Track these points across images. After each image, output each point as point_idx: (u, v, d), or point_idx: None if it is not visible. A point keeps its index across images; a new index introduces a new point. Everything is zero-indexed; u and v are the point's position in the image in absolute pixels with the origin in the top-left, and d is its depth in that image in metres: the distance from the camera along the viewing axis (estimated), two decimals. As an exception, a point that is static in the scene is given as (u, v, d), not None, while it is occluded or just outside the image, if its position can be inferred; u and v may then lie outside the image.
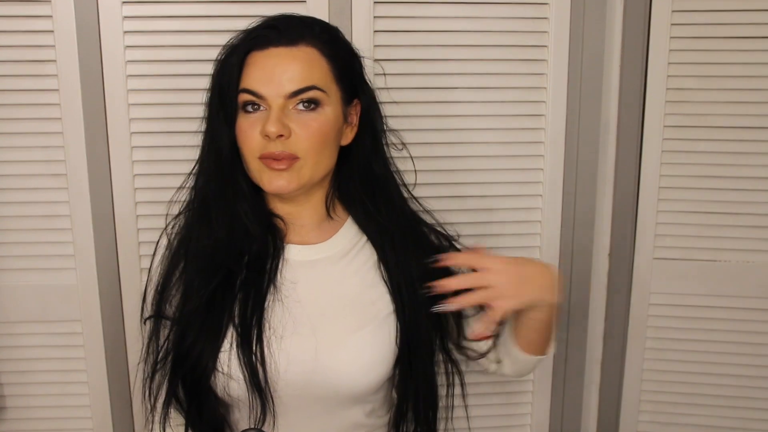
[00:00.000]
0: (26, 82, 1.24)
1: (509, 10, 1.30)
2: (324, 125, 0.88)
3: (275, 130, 0.84)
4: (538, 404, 1.48)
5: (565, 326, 1.47)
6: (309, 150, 0.87)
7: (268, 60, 0.87)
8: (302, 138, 0.87)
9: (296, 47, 0.87)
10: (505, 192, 1.38)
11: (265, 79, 0.86)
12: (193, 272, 0.92)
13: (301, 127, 0.87)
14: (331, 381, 0.90)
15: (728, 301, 1.41)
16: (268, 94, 0.86)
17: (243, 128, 0.88)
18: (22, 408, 1.37)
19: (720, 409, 1.46)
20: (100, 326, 1.34)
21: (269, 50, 0.87)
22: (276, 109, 0.86)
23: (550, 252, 1.40)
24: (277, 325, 0.90)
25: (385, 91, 1.30)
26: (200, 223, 0.94)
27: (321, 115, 0.88)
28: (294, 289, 0.92)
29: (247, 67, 0.88)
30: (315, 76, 0.87)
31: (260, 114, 0.87)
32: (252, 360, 0.87)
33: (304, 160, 0.87)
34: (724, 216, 1.38)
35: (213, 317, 0.89)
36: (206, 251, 0.92)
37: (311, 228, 0.97)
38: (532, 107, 1.35)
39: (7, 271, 1.31)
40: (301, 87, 0.86)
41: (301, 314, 0.91)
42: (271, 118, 0.85)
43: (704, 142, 1.36)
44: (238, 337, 0.88)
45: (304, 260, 0.94)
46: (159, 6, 1.23)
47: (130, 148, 1.27)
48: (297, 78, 0.86)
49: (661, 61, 1.33)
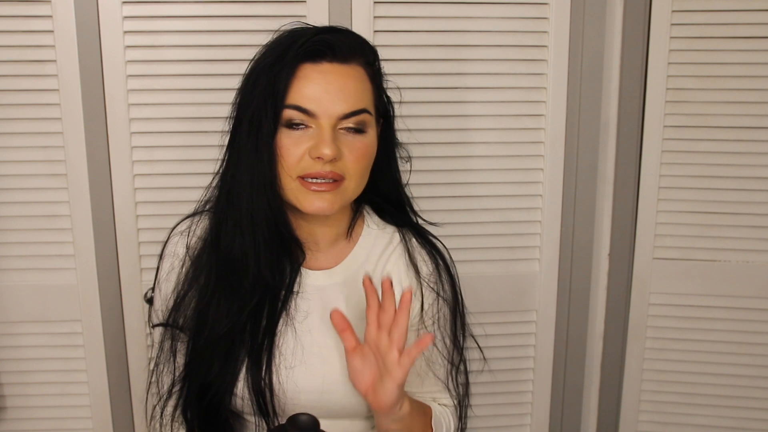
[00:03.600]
0: (26, 82, 1.24)
1: (509, 10, 1.30)
2: (369, 148, 0.85)
3: (331, 153, 0.80)
4: (538, 404, 1.48)
5: (565, 326, 1.47)
6: (355, 172, 0.84)
7: (322, 76, 0.81)
8: (351, 161, 0.83)
9: (349, 65, 0.83)
10: (505, 192, 1.38)
11: (319, 97, 0.81)
12: (221, 302, 0.87)
13: (350, 150, 0.83)
14: (339, 406, 0.90)
15: (727, 301, 1.41)
16: (321, 112, 0.81)
17: (286, 145, 0.82)
18: (22, 408, 1.37)
19: (720, 409, 1.46)
20: (100, 326, 1.34)
21: (323, 65, 0.82)
22: (329, 130, 0.81)
23: (550, 252, 1.40)
24: (287, 353, 0.89)
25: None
26: (234, 247, 0.87)
27: (367, 138, 0.85)
28: (306, 317, 0.90)
29: (298, 80, 0.81)
30: (365, 98, 0.84)
31: (305, 132, 0.82)
32: (261, 386, 0.86)
33: (349, 182, 0.84)
34: (723, 216, 1.39)
35: (236, 345, 0.87)
36: (236, 276, 0.87)
37: (325, 249, 0.93)
38: (532, 107, 1.35)
39: (7, 271, 1.31)
40: (354, 109, 0.82)
41: (311, 343, 0.89)
42: (325, 140, 0.80)
43: (704, 142, 1.36)
44: (249, 362, 0.87)
45: (318, 285, 0.92)
46: (159, 6, 1.23)
47: (130, 148, 1.27)
48: (350, 99, 0.82)
49: (661, 61, 1.33)
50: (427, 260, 0.95)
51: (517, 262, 1.42)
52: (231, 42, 1.24)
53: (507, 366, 1.46)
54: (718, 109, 1.34)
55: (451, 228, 1.29)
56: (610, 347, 1.48)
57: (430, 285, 0.94)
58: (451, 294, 0.96)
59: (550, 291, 1.43)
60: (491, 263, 1.41)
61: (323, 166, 0.81)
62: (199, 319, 0.88)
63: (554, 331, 1.45)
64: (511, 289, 1.42)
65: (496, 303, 1.42)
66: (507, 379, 1.46)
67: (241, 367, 0.87)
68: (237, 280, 0.87)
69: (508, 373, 1.46)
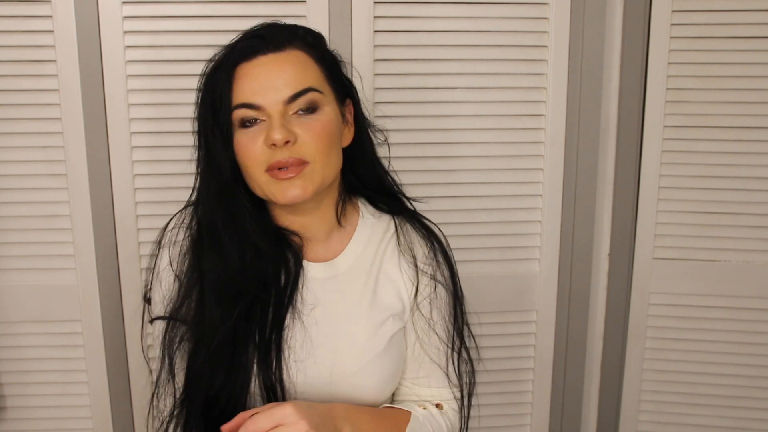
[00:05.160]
0: (26, 82, 1.24)
1: (509, 10, 1.30)
2: (327, 125, 0.85)
3: (281, 137, 0.81)
4: (538, 404, 1.48)
5: (565, 326, 1.47)
6: (317, 152, 0.84)
7: (258, 69, 0.84)
8: (308, 141, 0.83)
9: (284, 52, 0.85)
10: (505, 192, 1.38)
11: (260, 89, 0.83)
12: (212, 304, 0.87)
13: (306, 130, 0.83)
14: (347, 398, 0.90)
15: (727, 301, 1.41)
16: (266, 103, 0.83)
17: (243, 143, 0.84)
18: (22, 408, 1.37)
19: (720, 409, 1.46)
20: (100, 326, 1.34)
21: (257, 59, 0.84)
22: (277, 117, 0.82)
23: (550, 252, 1.40)
24: (296, 347, 0.89)
25: (386, 91, 1.30)
26: (211, 251, 0.88)
27: (322, 116, 0.85)
28: (312, 309, 0.90)
29: (238, 81, 0.84)
30: (309, 77, 0.85)
31: (259, 126, 0.84)
32: (271, 381, 0.86)
33: (314, 164, 0.84)
34: (723, 216, 1.39)
35: (239, 350, 0.87)
36: (222, 280, 0.87)
37: (322, 240, 0.94)
38: (532, 107, 1.35)
39: (7, 271, 1.31)
40: (298, 90, 0.83)
41: (318, 335, 0.89)
42: (274, 126, 0.82)
43: (704, 142, 1.36)
44: (258, 359, 0.86)
45: (322, 277, 0.92)
46: (159, 6, 1.23)
47: (130, 148, 1.27)
48: (292, 82, 0.83)
49: (661, 61, 1.33)
50: (423, 244, 0.96)
51: (517, 262, 1.42)
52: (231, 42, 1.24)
53: (507, 366, 1.46)
54: (718, 109, 1.34)
55: (451, 228, 1.29)
56: (610, 347, 1.48)
57: (425, 269, 0.94)
58: (449, 277, 0.96)
59: (550, 291, 1.43)
60: (491, 263, 1.41)
61: (282, 152, 0.82)
62: (204, 332, 0.87)
63: (554, 331, 1.45)
64: (511, 289, 1.42)
65: (496, 303, 1.42)
66: (507, 379, 1.46)
67: (251, 370, 0.86)
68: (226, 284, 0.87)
69: (508, 373, 1.46)
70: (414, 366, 0.97)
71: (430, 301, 0.95)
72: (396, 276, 0.94)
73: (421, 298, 0.95)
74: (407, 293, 0.95)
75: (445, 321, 0.96)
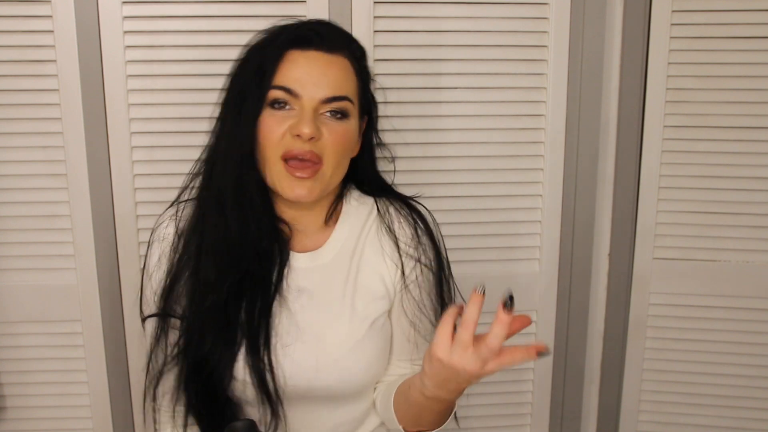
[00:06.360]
0: (26, 82, 1.24)
1: (509, 10, 1.30)
2: (347, 134, 0.89)
3: (309, 131, 0.84)
4: (538, 404, 1.48)
5: (565, 326, 1.47)
6: (332, 155, 0.87)
7: (308, 60, 0.87)
8: (329, 143, 0.87)
9: (335, 55, 0.88)
10: (505, 192, 1.38)
11: (304, 79, 0.86)
12: (209, 266, 0.90)
13: (329, 132, 0.87)
14: (334, 384, 0.91)
15: (727, 301, 1.41)
16: (305, 94, 0.86)
17: (269, 124, 0.86)
18: (22, 408, 1.37)
19: (720, 409, 1.46)
20: (100, 326, 1.34)
21: (310, 52, 0.87)
22: (310, 111, 0.85)
23: (550, 252, 1.40)
24: (283, 333, 0.91)
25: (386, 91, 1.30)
26: (216, 214, 0.90)
27: (347, 125, 0.89)
28: (298, 296, 0.93)
29: (285, 63, 0.87)
30: (348, 86, 0.89)
31: (288, 112, 0.86)
32: (260, 367, 0.88)
33: (326, 167, 0.87)
34: (723, 216, 1.39)
35: (228, 319, 0.89)
36: (222, 245, 0.90)
37: (311, 233, 0.96)
38: (532, 107, 1.35)
39: (7, 271, 1.31)
40: (336, 95, 0.87)
41: (303, 321, 0.92)
42: (305, 119, 0.85)
43: (704, 142, 1.36)
44: (247, 343, 0.89)
45: (307, 267, 0.94)
46: (159, 6, 1.23)
47: (130, 148, 1.27)
48: (333, 85, 0.87)
49: (661, 61, 1.33)
50: (405, 226, 0.96)
51: (517, 262, 1.42)
52: (231, 42, 1.24)
53: (507, 366, 1.46)
54: (718, 109, 1.34)
55: (451, 228, 1.29)
56: (610, 347, 1.48)
57: (409, 252, 0.95)
58: (434, 257, 0.97)
59: (550, 291, 1.43)
60: (491, 263, 1.41)
61: (303, 144, 0.85)
62: (190, 292, 0.91)
63: (554, 331, 1.45)
64: (511, 289, 1.42)
65: (495, 303, 1.42)
66: (507, 379, 1.46)
67: (239, 348, 0.89)
68: (226, 250, 0.89)
69: (508, 373, 1.46)
70: (411, 348, 0.98)
71: (418, 283, 0.96)
72: (378, 260, 0.96)
73: (408, 281, 0.96)
74: (391, 276, 0.96)
75: (432, 302, 0.97)
